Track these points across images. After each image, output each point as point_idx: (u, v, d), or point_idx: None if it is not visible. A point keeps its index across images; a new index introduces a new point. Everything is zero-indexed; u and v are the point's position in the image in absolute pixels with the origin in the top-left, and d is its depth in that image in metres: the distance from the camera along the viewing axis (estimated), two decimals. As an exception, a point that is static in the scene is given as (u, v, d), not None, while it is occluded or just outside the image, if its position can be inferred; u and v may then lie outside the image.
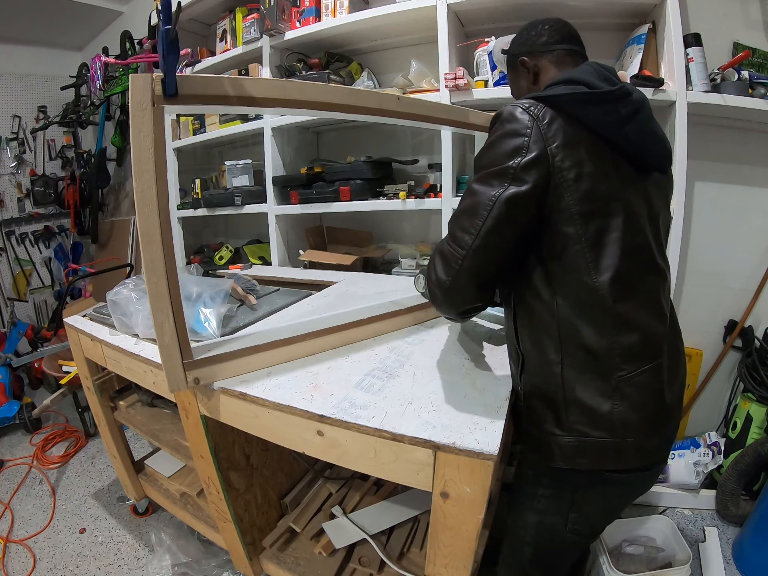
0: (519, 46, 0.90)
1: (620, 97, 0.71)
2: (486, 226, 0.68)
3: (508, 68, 0.96)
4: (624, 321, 0.71)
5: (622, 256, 0.69)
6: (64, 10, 2.72)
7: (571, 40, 0.86)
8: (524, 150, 0.67)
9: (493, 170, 0.68)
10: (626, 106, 0.71)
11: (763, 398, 1.55)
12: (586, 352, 0.72)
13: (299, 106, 0.86)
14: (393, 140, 2.03)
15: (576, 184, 0.67)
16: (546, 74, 0.85)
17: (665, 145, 0.79)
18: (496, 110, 0.74)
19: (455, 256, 0.71)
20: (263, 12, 1.83)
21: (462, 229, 0.70)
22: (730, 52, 1.48)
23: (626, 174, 0.72)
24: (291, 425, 0.82)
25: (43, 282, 3.37)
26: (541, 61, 0.86)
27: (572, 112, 0.68)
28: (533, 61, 0.87)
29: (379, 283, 1.56)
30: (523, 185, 0.67)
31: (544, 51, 0.85)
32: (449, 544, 0.77)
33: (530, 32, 0.88)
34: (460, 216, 0.72)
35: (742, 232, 1.65)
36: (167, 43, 0.68)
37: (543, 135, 0.67)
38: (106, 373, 1.42)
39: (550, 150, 0.67)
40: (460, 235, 0.70)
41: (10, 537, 1.63)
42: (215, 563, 1.44)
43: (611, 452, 0.74)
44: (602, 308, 0.70)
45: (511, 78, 0.96)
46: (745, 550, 1.42)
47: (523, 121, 0.68)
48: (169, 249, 0.76)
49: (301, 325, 1.00)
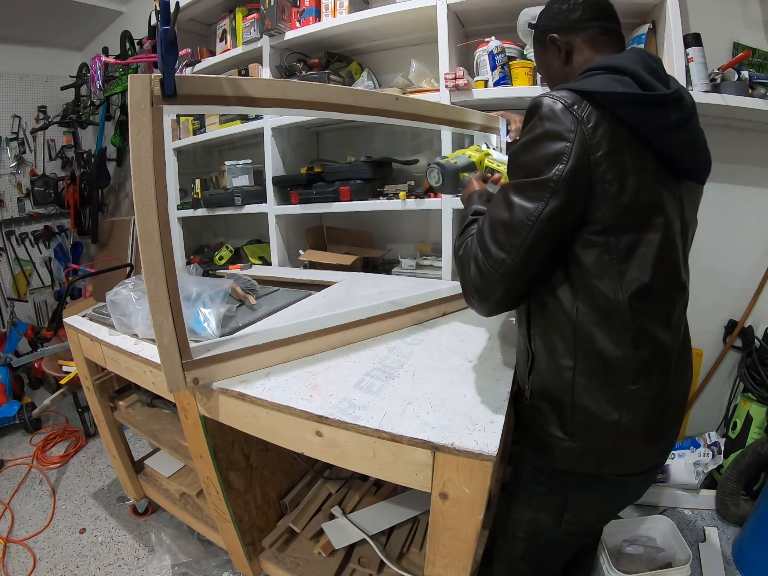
0: (549, 21, 0.81)
1: (674, 101, 0.66)
2: (525, 246, 0.64)
3: (535, 45, 0.88)
4: (640, 335, 0.69)
5: (650, 271, 0.67)
6: (64, 10, 2.71)
7: (608, 17, 0.78)
8: (566, 158, 0.61)
9: (532, 181, 0.64)
10: (678, 111, 0.66)
11: (763, 398, 1.55)
12: (600, 361, 0.70)
13: (298, 107, 0.86)
14: (393, 140, 2.02)
15: (617, 198, 0.63)
16: (580, 54, 0.78)
17: (707, 156, 0.75)
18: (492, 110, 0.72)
19: (491, 273, 0.68)
20: (263, 12, 1.82)
21: (498, 245, 0.66)
22: (730, 52, 1.47)
23: (665, 182, 0.68)
24: (290, 425, 0.82)
25: (43, 282, 3.37)
26: (574, 39, 0.78)
27: (619, 112, 0.62)
28: (565, 39, 0.79)
29: (379, 283, 1.56)
30: (561, 199, 0.62)
31: (577, 28, 0.77)
32: (448, 545, 0.77)
33: (561, 5, 0.79)
34: (495, 227, 0.68)
35: (742, 232, 1.64)
36: (166, 44, 0.68)
37: (587, 142, 0.61)
38: (105, 373, 1.42)
39: (594, 159, 0.61)
40: (496, 252, 0.66)
41: (10, 537, 1.63)
42: (215, 563, 1.44)
43: (612, 458, 0.74)
44: (622, 320, 0.68)
45: (539, 56, 0.88)
46: (745, 550, 1.42)
47: (566, 123, 0.62)
48: (168, 249, 0.76)
49: (300, 325, 1.00)
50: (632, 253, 0.66)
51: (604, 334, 0.69)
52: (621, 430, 0.71)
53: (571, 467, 0.76)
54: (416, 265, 1.85)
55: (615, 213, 0.64)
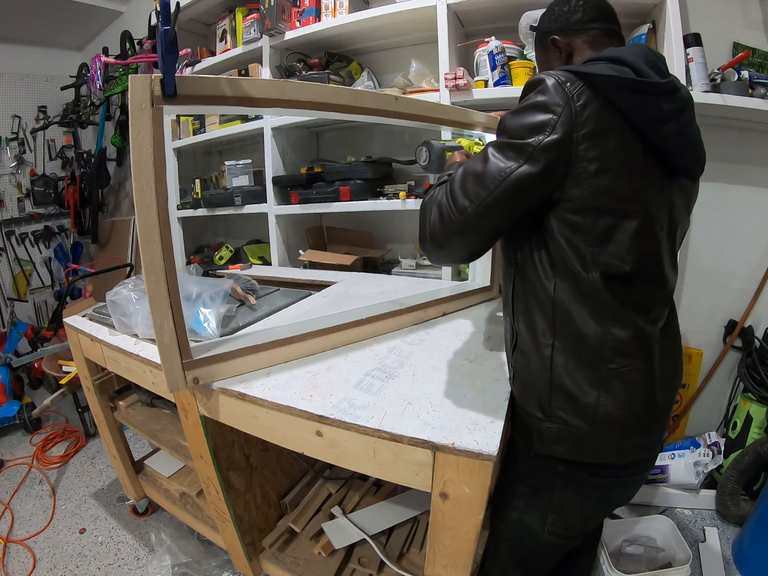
0: (550, 23, 0.83)
1: (667, 91, 0.66)
2: (488, 200, 0.66)
3: (537, 46, 0.89)
4: (620, 316, 0.70)
5: (627, 258, 0.67)
6: (64, 10, 2.71)
7: (608, 18, 0.79)
8: (549, 129, 0.63)
9: (513, 142, 0.65)
10: (671, 102, 0.66)
11: (763, 398, 1.55)
12: (577, 338, 0.71)
13: (298, 107, 0.86)
14: (393, 140, 2.02)
15: (595, 177, 0.64)
16: (580, 56, 0.79)
17: (701, 152, 0.74)
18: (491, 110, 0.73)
19: (451, 218, 0.69)
20: (263, 12, 1.83)
21: (465, 192, 0.68)
22: (730, 52, 1.47)
23: (653, 174, 0.68)
24: (290, 425, 0.82)
25: (43, 282, 3.37)
26: (575, 40, 0.79)
27: (611, 96, 0.63)
28: (566, 41, 0.80)
29: (379, 283, 1.56)
30: (537, 167, 0.63)
31: (578, 30, 0.78)
32: (448, 545, 0.77)
33: (562, 8, 0.80)
34: (467, 176, 0.69)
35: (742, 232, 1.64)
36: (166, 44, 0.69)
37: (573, 118, 0.62)
38: (105, 373, 1.42)
39: (576, 136, 0.62)
40: (461, 199, 0.68)
41: (10, 537, 1.63)
42: (215, 563, 1.44)
43: (589, 444, 0.73)
44: (600, 299, 0.69)
45: (541, 57, 0.89)
46: (745, 550, 1.42)
47: (556, 97, 0.63)
48: (168, 249, 0.76)
49: (300, 325, 1.00)
50: (607, 237, 0.67)
51: (583, 312, 0.70)
52: (599, 413, 0.71)
53: (549, 451, 0.76)
54: (416, 265, 1.85)
55: (591, 193, 0.65)
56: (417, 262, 1.85)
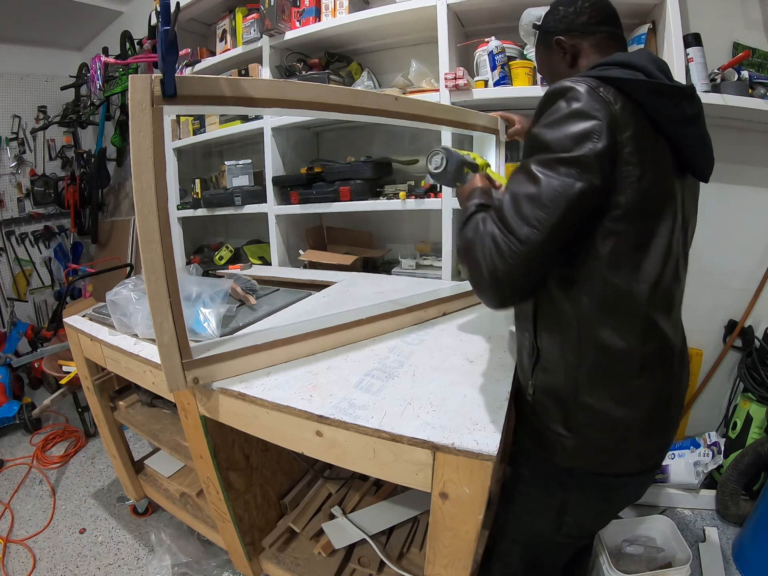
0: (555, 23, 0.80)
1: (689, 95, 0.67)
2: (552, 222, 0.60)
3: (539, 46, 0.87)
4: (651, 329, 0.69)
5: (661, 263, 0.66)
6: (64, 10, 2.71)
7: (614, 22, 0.78)
8: (596, 136, 0.59)
9: (562, 156, 0.61)
10: (692, 107, 0.67)
11: (763, 398, 1.55)
12: (605, 356, 0.69)
13: (298, 107, 0.86)
14: (393, 140, 2.02)
15: (639, 182, 0.62)
16: (586, 59, 0.78)
17: (713, 154, 0.75)
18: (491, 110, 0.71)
19: (512, 250, 0.62)
20: (263, 12, 1.83)
21: (523, 219, 0.61)
22: (730, 52, 1.47)
23: (676, 174, 0.69)
24: (290, 425, 0.82)
25: (43, 282, 3.37)
26: (581, 43, 0.77)
27: (641, 100, 0.62)
28: (571, 42, 0.78)
29: (379, 283, 1.56)
30: (596, 178, 0.60)
31: (584, 32, 0.77)
32: (448, 545, 0.77)
33: (568, 8, 0.78)
34: (519, 201, 0.63)
35: (742, 232, 1.64)
36: (166, 44, 0.69)
37: (616, 121, 0.60)
38: (105, 373, 1.42)
39: (621, 139, 0.60)
40: (521, 227, 0.61)
41: (10, 537, 1.63)
42: (215, 563, 1.44)
43: (612, 456, 0.74)
44: (633, 313, 0.67)
45: (543, 57, 0.86)
46: (745, 550, 1.42)
47: (593, 102, 0.60)
48: (168, 249, 0.76)
49: (300, 325, 1.00)
50: (647, 243, 0.65)
51: (610, 328, 0.68)
52: (624, 427, 0.71)
53: (571, 464, 0.76)
54: (416, 265, 1.85)
55: (637, 198, 0.63)
56: (417, 262, 1.85)
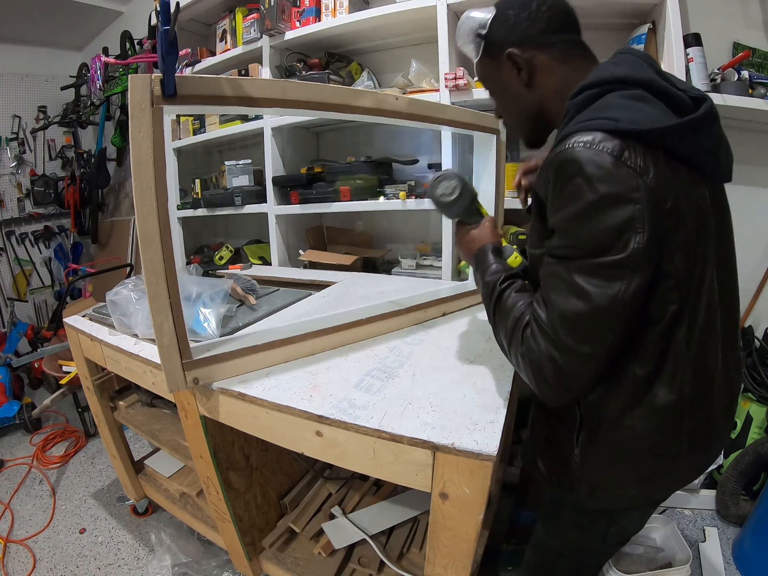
0: (505, 33, 0.67)
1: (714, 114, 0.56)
2: (615, 335, 0.56)
3: (483, 58, 0.72)
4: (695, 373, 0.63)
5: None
6: (64, 10, 2.71)
7: (574, 27, 0.67)
8: (640, 225, 0.50)
9: (606, 261, 0.52)
10: (716, 123, 0.57)
11: (763, 398, 1.55)
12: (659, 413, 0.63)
13: (298, 107, 0.86)
14: (393, 140, 2.03)
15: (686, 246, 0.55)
16: (547, 75, 0.66)
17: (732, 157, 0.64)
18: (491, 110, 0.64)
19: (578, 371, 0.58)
20: (263, 12, 1.83)
21: (581, 339, 0.55)
22: (730, 52, 1.47)
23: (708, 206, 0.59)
24: (290, 425, 0.82)
25: (43, 282, 3.37)
26: (537, 56, 0.65)
27: (672, 146, 0.52)
28: (526, 56, 0.65)
29: (379, 283, 1.56)
30: (646, 274, 0.53)
31: (542, 44, 0.65)
32: (448, 545, 0.77)
33: (520, 13, 0.65)
34: (571, 322, 0.55)
35: (742, 232, 1.62)
36: (166, 44, 0.69)
37: (655, 197, 0.51)
38: (105, 373, 1.42)
39: (663, 214, 0.52)
40: (580, 347, 0.55)
41: (10, 537, 1.63)
42: (215, 563, 1.44)
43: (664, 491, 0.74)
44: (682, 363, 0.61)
45: (491, 74, 0.72)
46: (745, 550, 1.42)
47: (625, 179, 0.50)
48: (168, 249, 0.76)
49: (300, 325, 1.00)
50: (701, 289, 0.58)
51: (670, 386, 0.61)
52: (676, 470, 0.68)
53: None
54: (416, 265, 1.85)
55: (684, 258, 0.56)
56: (417, 262, 1.85)
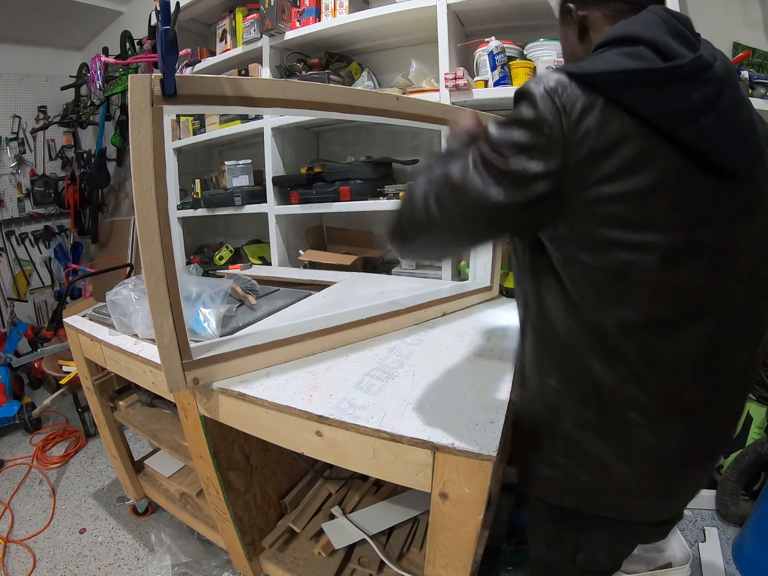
0: None
1: (694, 73, 0.49)
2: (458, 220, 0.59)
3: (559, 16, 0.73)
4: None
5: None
6: (64, 10, 2.72)
7: None
8: (536, 154, 0.51)
9: (494, 160, 0.54)
10: (702, 86, 0.49)
11: (763, 398, 1.55)
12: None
13: (298, 107, 0.86)
14: (393, 140, 2.02)
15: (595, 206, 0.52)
16: (597, 32, 0.64)
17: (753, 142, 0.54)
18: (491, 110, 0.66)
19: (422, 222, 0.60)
20: (263, 12, 1.82)
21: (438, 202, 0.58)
22: (730, 52, 1.47)
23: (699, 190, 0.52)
24: (290, 425, 0.82)
25: (43, 282, 3.37)
26: (592, 13, 0.64)
27: (619, 98, 0.49)
28: (581, 12, 0.65)
29: (379, 283, 1.56)
30: (518, 196, 0.53)
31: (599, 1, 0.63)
32: (448, 545, 0.77)
33: None
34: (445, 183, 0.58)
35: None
36: (166, 44, 0.69)
37: (565, 139, 0.50)
38: (105, 373, 1.42)
39: (570, 163, 0.51)
40: (434, 206, 0.58)
41: (10, 537, 1.63)
42: (215, 563, 1.44)
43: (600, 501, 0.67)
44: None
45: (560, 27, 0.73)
46: (745, 550, 1.42)
47: (543, 111, 0.51)
48: (168, 249, 0.76)
49: (300, 325, 1.00)
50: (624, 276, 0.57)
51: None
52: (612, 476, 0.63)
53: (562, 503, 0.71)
54: (416, 265, 1.85)
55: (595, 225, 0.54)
56: (417, 262, 1.85)
